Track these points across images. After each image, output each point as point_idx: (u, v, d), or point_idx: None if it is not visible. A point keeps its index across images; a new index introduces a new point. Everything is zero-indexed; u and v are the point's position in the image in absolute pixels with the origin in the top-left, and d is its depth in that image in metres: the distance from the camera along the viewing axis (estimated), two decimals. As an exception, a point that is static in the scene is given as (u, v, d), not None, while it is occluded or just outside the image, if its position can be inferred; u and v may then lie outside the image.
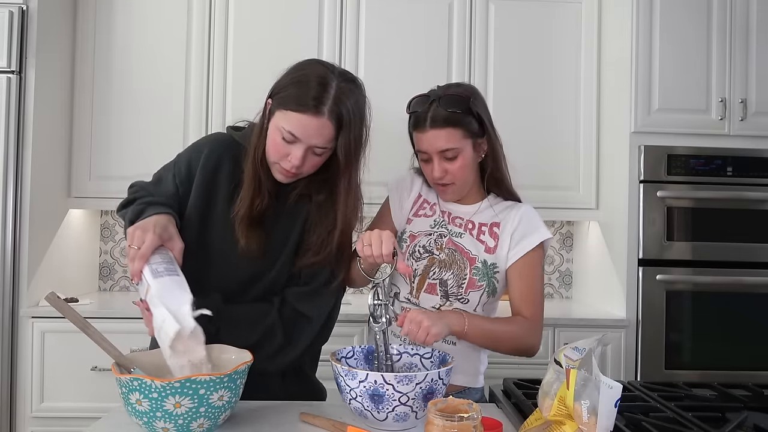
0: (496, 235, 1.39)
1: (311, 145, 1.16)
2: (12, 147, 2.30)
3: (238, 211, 1.22)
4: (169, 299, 1.02)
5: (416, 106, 1.36)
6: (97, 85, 2.62)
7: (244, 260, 1.24)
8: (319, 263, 1.26)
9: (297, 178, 1.23)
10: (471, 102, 1.33)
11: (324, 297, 1.30)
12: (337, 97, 1.15)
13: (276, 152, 1.18)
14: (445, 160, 1.33)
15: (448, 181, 1.36)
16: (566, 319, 2.44)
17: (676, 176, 2.42)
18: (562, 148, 2.72)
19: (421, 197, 1.49)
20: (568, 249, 3.06)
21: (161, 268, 1.07)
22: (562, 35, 2.73)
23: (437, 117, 1.31)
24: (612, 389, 0.77)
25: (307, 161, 1.18)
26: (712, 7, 2.45)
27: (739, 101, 2.44)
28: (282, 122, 1.15)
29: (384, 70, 2.66)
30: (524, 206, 1.42)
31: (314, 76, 1.16)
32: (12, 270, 2.31)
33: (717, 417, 1.07)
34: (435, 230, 1.41)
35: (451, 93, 1.34)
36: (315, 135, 1.15)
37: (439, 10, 2.70)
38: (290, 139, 1.15)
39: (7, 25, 2.29)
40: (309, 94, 1.14)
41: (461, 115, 1.32)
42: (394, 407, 1.01)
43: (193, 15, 2.65)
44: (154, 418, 0.94)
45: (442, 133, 1.31)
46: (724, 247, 2.42)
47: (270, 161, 1.21)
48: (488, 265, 1.37)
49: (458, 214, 1.43)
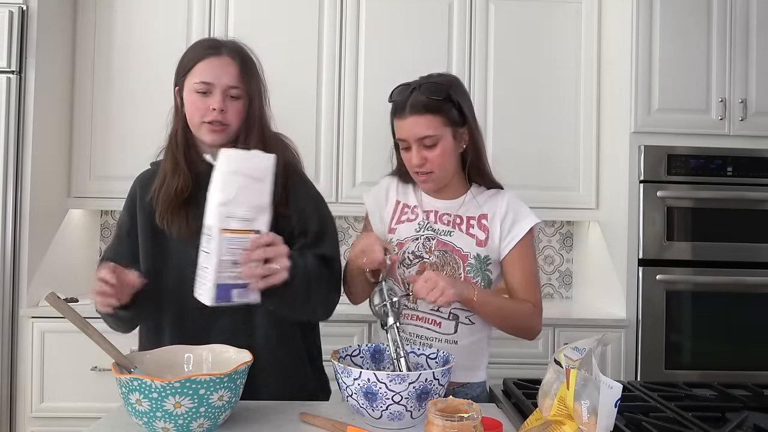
0: (485, 227, 1.39)
1: (224, 85, 1.23)
2: (12, 147, 2.30)
3: (156, 193, 1.26)
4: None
5: (397, 95, 1.38)
6: (97, 85, 2.62)
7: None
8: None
9: (228, 132, 1.25)
10: (451, 90, 1.34)
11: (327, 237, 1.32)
12: (231, 43, 1.29)
13: (197, 110, 1.24)
14: (424, 147, 1.33)
15: (427, 170, 1.35)
16: (566, 319, 2.44)
17: (676, 176, 2.42)
18: (562, 148, 2.72)
19: (400, 203, 1.47)
20: (568, 249, 3.06)
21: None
22: (562, 35, 2.73)
23: (416, 104, 1.31)
24: (612, 389, 0.77)
25: (227, 107, 1.23)
26: (712, 7, 2.45)
27: (739, 101, 2.44)
28: (192, 80, 1.24)
29: (384, 69, 2.65)
30: (508, 193, 1.43)
31: (204, 40, 1.33)
32: (12, 270, 2.31)
33: (717, 417, 1.07)
34: (421, 233, 1.40)
35: (431, 81, 1.35)
36: (223, 73, 1.23)
37: (439, 9, 2.70)
38: (204, 88, 1.22)
39: (7, 25, 2.29)
40: (204, 45, 1.28)
41: (441, 102, 1.32)
42: (388, 406, 1.02)
43: (193, 15, 2.64)
44: (154, 418, 0.94)
45: (421, 119, 1.31)
46: (724, 247, 2.42)
47: (195, 127, 1.25)
48: (481, 258, 1.37)
49: (444, 210, 1.42)
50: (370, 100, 2.64)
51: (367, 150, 2.64)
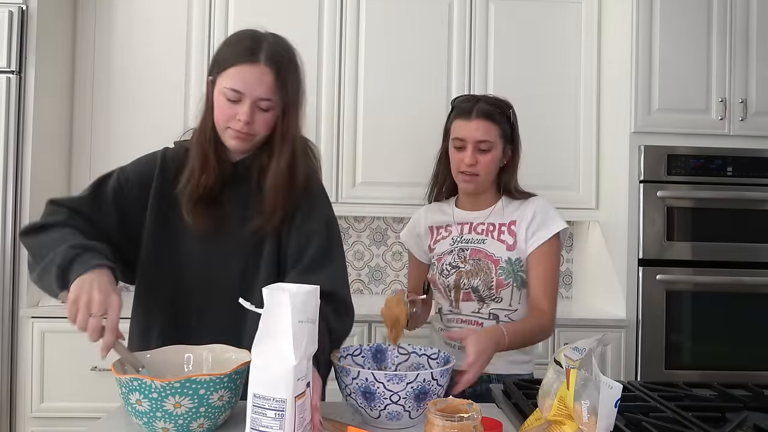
0: (513, 232, 1.50)
1: (255, 97, 1.17)
2: (12, 147, 2.30)
3: (183, 186, 1.22)
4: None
5: (463, 102, 1.54)
6: (97, 85, 2.62)
7: (225, 255, 1.24)
8: (263, 221, 1.23)
9: (251, 141, 1.22)
10: (510, 110, 1.54)
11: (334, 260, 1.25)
12: (271, 45, 1.19)
13: (224, 115, 1.19)
14: (479, 151, 1.47)
15: (475, 171, 1.48)
16: (566, 319, 2.44)
17: (676, 176, 2.42)
18: (562, 148, 2.72)
19: (433, 227, 1.62)
20: (568, 249, 3.06)
21: None
22: (562, 35, 2.73)
23: (482, 110, 1.48)
24: (612, 389, 0.77)
25: (256, 118, 1.18)
26: (712, 7, 2.45)
27: (739, 101, 2.44)
28: (223, 83, 1.17)
29: (384, 70, 2.66)
30: (538, 200, 1.54)
31: (245, 35, 1.21)
32: (12, 270, 2.31)
33: (717, 417, 1.06)
34: (456, 246, 1.54)
35: (494, 97, 1.55)
36: (256, 83, 1.16)
37: (439, 10, 2.70)
38: (234, 96, 1.16)
39: (7, 25, 2.29)
40: (243, 46, 1.18)
41: (501, 116, 1.50)
42: (386, 405, 1.02)
43: (193, 14, 2.65)
44: (154, 418, 0.94)
45: (483, 124, 1.47)
46: (724, 247, 2.42)
47: (220, 129, 1.21)
48: (512, 261, 1.48)
49: (477, 221, 1.55)
50: (370, 100, 2.64)
51: (367, 150, 2.64)
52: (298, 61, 1.24)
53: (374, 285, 3.01)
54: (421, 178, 1.78)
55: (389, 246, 3.00)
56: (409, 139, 2.62)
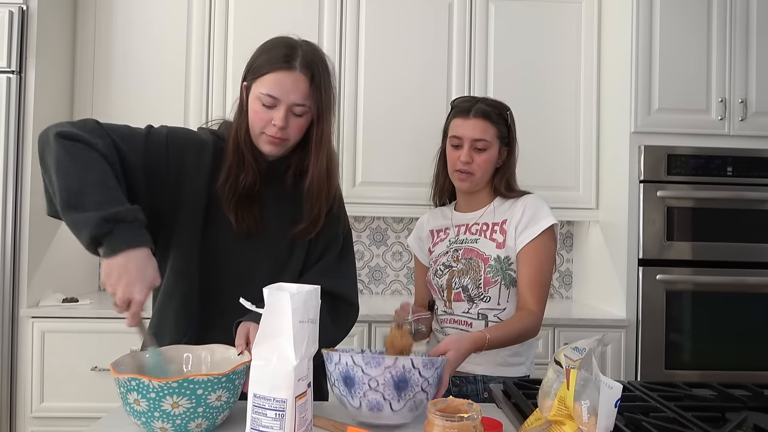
0: (504, 230, 1.51)
1: (290, 103, 1.20)
2: (12, 147, 2.30)
3: (221, 186, 1.23)
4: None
5: (462, 102, 1.56)
6: (97, 85, 2.62)
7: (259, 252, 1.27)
8: (307, 229, 1.29)
9: (286, 146, 1.25)
10: (508, 112, 1.55)
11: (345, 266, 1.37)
12: (306, 53, 1.22)
13: (259, 121, 1.21)
14: (475, 150, 1.49)
15: (470, 170, 1.50)
16: (566, 319, 2.44)
17: (676, 176, 2.42)
18: (562, 148, 2.72)
19: (434, 231, 1.65)
20: (568, 249, 3.06)
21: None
22: (562, 35, 2.73)
23: (480, 110, 1.50)
24: (612, 389, 0.77)
25: (290, 123, 1.21)
26: (712, 7, 2.45)
27: (739, 101, 2.44)
28: (259, 89, 1.20)
29: (384, 70, 2.66)
30: (529, 197, 1.53)
31: (280, 43, 1.24)
32: (12, 270, 2.31)
33: (717, 417, 1.06)
34: (451, 247, 1.56)
35: (493, 99, 1.57)
36: (291, 90, 1.19)
37: (439, 10, 2.70)
38: (270, 102, 1.19)
39: (7, 25, 2.29)
40: (279, 53, 1.21)
41: (499, 117, 1.52)
42: (365, 392, 1.02)
43: (193, 15, 2.65)
44: (152, 418, 0.94)
45: (481, 123, 1.49)
46: (724, 247, 2.42)
47: (255, 134, 1.24)
48: (501, 259, 1.48)
49: (473, 221, 1.56)
50: (370, 99, 2.64)
51: (367, 150, 2.64)
52: (330, 67, 1.27)
53: (374, 285, 3.01)
54: (421, 178, 1.78)
55: (389, 246, 3.00)
56: (409, 139, 2.62)
